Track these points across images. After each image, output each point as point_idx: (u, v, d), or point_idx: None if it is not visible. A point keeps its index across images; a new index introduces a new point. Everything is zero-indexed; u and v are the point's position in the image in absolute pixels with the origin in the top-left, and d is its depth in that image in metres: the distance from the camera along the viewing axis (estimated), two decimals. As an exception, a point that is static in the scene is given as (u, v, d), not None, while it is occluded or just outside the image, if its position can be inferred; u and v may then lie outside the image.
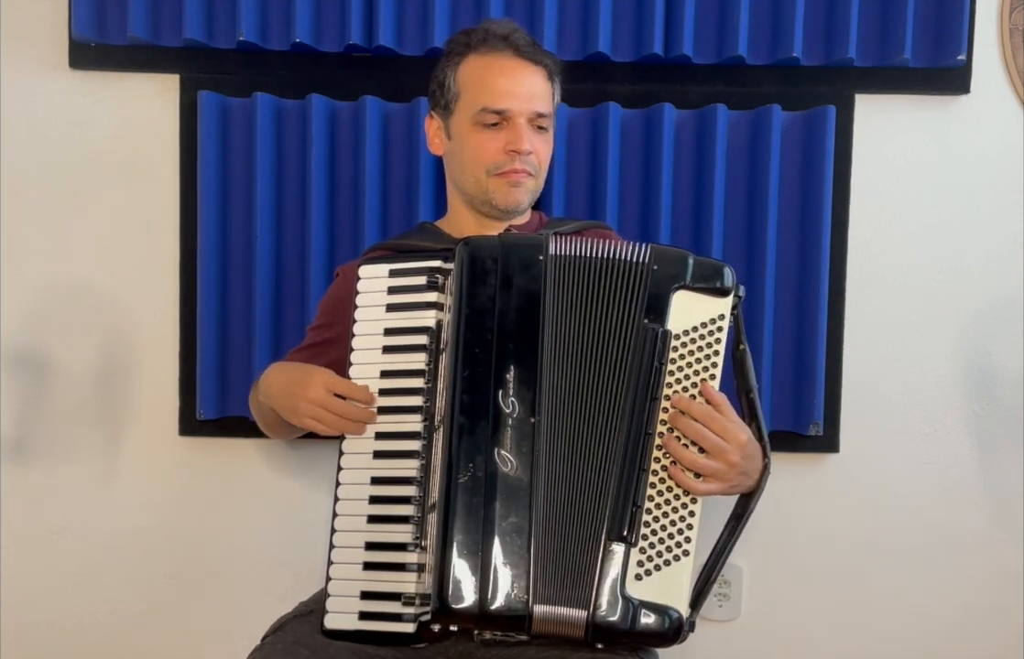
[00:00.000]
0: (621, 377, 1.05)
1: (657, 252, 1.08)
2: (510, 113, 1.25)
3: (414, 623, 1.06)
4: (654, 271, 1.06)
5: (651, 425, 1.04)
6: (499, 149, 1.26)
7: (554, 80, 1.32)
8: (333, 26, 1.61)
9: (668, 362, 1.04)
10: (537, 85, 1.27)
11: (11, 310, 1.68)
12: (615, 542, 1.01)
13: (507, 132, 1.26)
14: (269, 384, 1.25)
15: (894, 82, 1.63)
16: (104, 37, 1.62)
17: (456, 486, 1.02)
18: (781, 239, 1.62)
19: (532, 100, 1.26)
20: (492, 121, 1.26)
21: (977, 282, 1.67)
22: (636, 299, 1.06)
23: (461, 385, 1.05)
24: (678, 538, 1.02)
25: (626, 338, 1.05)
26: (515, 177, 1.27)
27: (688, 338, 1.06)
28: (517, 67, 1.26)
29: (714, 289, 1.07)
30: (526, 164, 1.27)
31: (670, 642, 1.01)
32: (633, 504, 1.02)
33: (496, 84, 1.26)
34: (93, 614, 1.73)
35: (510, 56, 1.26)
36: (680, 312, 1.06)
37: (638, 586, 1.01)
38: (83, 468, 1.70)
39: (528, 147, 1.25)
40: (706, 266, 1.07)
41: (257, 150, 1.60)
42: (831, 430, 1.65)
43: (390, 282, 1.16)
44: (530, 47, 1.28)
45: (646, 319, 1.05)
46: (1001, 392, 1.68)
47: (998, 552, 1.70)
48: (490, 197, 1.29)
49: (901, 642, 1.72)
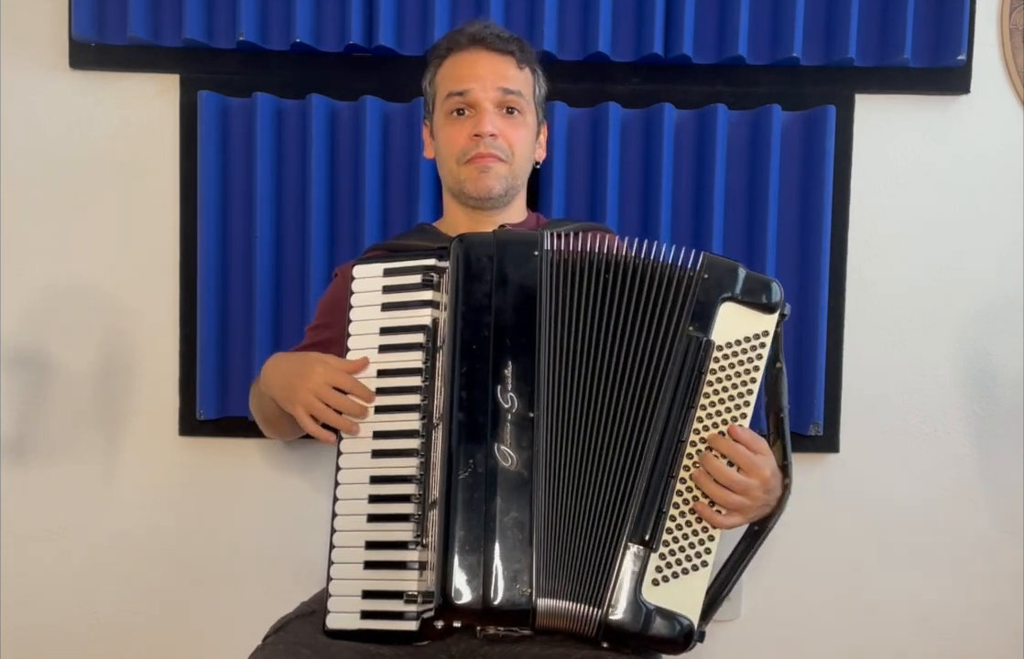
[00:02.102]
0: (654, 380, 1.04)
1: (710, 260, 1.07)
2: (473, 95, 1.27)
3: (416, 621, 1.06)
4: (704, 279, 1.05)
5: (684, 433, 1.03)
6: (466, 136, 1.27)
7: (528, 68, 1.32)
8: (333, 26, 1.61)
9: (708, 372, 1.03)
10: (503, 67, 1.29)
11: (11, 310, 1.68)
12: (636, 545, 1.01)
13: (472, 119, 1.28)
14: (269, 373, 1.25)
15: (894, 82, 1.63)
16: (104, 37, 1.62)
17: (456, 482, 1.01)
18: (781, 239, 1.62)
19: (496, 79, 1.27)
20: (458, 106, 1.28)
21: (977, 282, 1.67)
22: (682, 305, 1.05)
23: (459, 382, 1.04)
24: (699, 548, 1.02)
25: (664, 342, 1.05)
26: (482, 162, 1.27)
27: (731, 351, 1.04)
28: (480, 55, 1.28)
29: (761, 304, 1.06)
30: (493, 148, 1.27)
31: (679, 650, 1.01)
32: (659, 510, 1.01)
33: (460, 72, 1.28)
34: (93, 614, 1.73)
35: (476, 49, 1.29)
36: (725, 324, 1.05)
37: (654, 591, 1.00)
38: (83, 468, 1.70)
39: (490, 128, 1.26)
40: (756, 280, 1.06)
41: (257, 150, 1.60)
42: (831, 430, 1.65)
43: (385, 281, 1.16)
44: (498, 40, 1.29)
45: (691, 326, 1.04)
46: (1001, 392, 1.69)
47: (998, 552, 1.70)
48: (463, 186, 1.30)
49: (901, 642, 1.72)
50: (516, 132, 1.29)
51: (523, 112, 1.30)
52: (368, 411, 1.12)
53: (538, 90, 1.35)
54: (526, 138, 1.32)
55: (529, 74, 1.33)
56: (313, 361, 1.16)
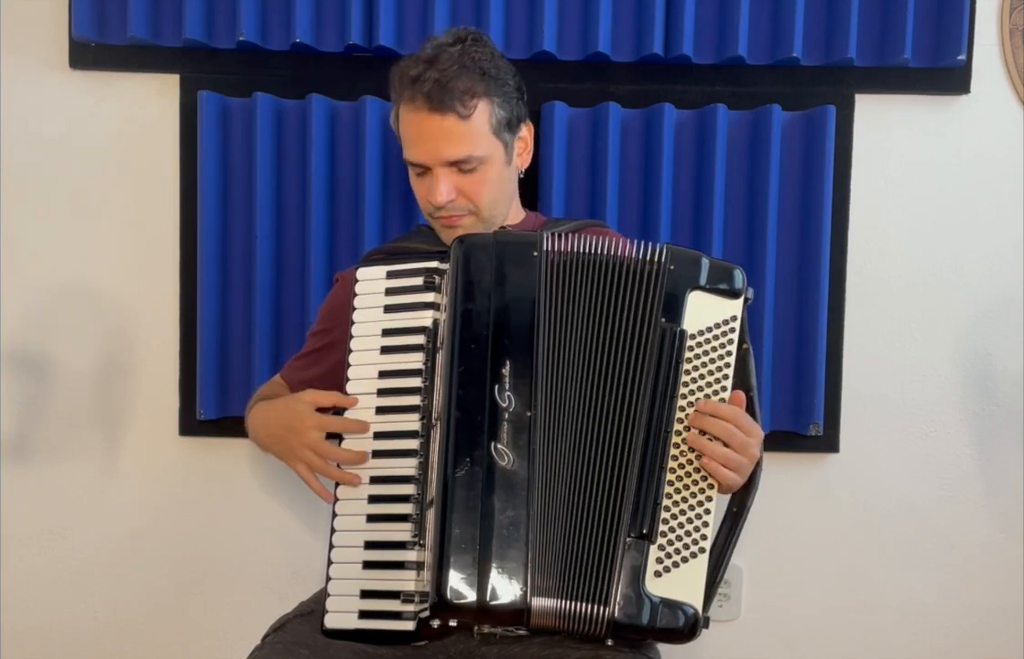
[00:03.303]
0: (635, 375, 1.05)
1: (673, 252, 1.08)
2: (425, 164, 1.22)
3: (414, 621, 1.06)
4: (671, 271, 1.07)
5: (669, 424, 1.04)
6: (426, 198, 1.25)
7: (481, 107, 1.20)
8: (333, 26, 1.61)
9: (684, 361, 1.05)
10: (446, 134, 1.19)
11: (11, 310, 1.68)
12: (636, 539, 1.01)
13: (429, 181, 1.23)
14: (258, 429, 1.22)
15: (894, 82, 1.63)
16: (104, 37, 1.62)
17: (453, 480, 1.02)
18: (781, 239, 1.62)
19: (441, 150, 1.20)
20: (419, 171, 1.25)
21: (977, 282, 1.67)
22: (652, 299, 1.06)
23: (457, 380, 1.05)
24: (695, 535, 1.03)
25: (640, 337, 1.06)
26: (447, 221, 1.25)
27: (703, 338, 1.07)
28: (423, 119, 1.20)
29: (727, 291, 1.08)
30: (453, 210, 1.24)
31: (687, 639, 1.01)
32: (654, 502, 1.02)
33: (408, 134, 1.23)
34: (93, 613, 1.73)
35: (417, 108, 1.20)
36: (695, 313, 1.07)
37: (657, 583, 1.01)
38: (83, 468, 1.70)
39: (443, 199, 1.21)
40: (720, 268, 1.09)
41: (257, 150, 1.60)
42: (831, 430, 1.65)
43: (388, 283, 1.17)
44: (437, 90, 1.17)
45: (663, 319, 1.06)
46: (1001, 392, 1.68)
47: (998, 552, 1.70)
48: (438, 233, 1.29)
49: (901, 642, 1.72)
50: (477, 187, 1.23)
51: (482, 161, 1.22)
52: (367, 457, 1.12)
53: (496, 117, 1.22)
54: (491, 179, 1.24)
55: (482, 111, 1.20)
56: (300, 411, 1.14)
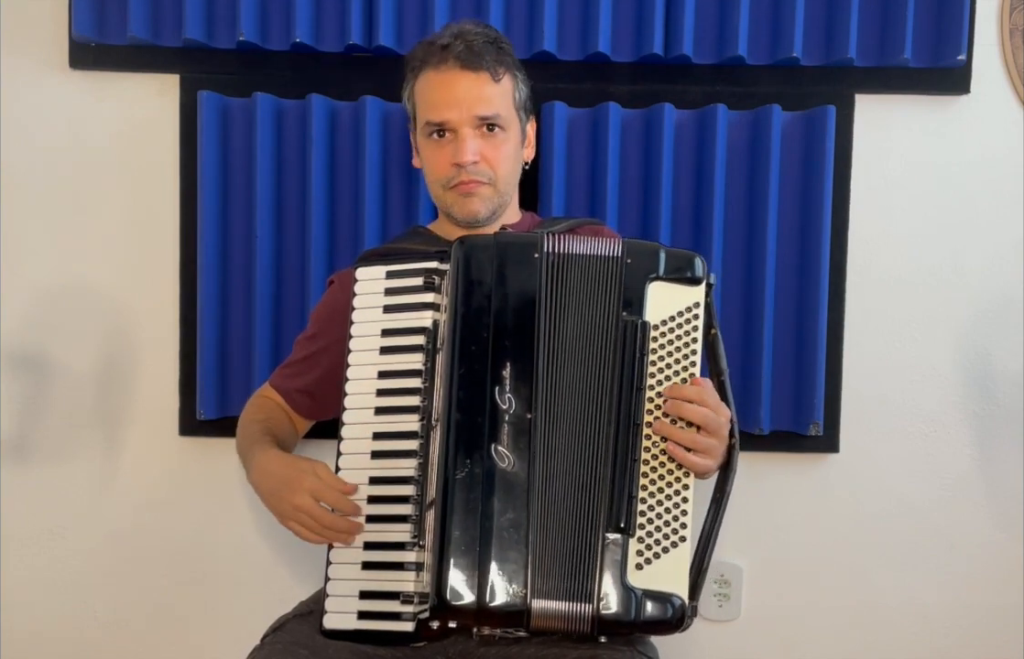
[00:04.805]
0: (608, 371, 1.06)
1: (629, 246, 1.10)
2: (451, 123, 1.24)
3: (413, 622, 1.06)
4: (628, 265, 1.08)
5: (639, 416, 1.05)
6: (448, 163, 1.26)
7: (507, 74, 1.27)
8: (333, 26, 1.61)
9: (649, 352, 1.06)
10: (477, 90, 1.23)
11: (11, 310, 1.68)
12: (613, 533, 1.02)
13: (453, 144, 1.25)
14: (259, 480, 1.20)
15: (894, 82, 1.63)
16: (104, 37, 1.62)
17: (453, 483, 1.02)
18: (781, 239, 1.62)
19: (472, 105, 1.23)
20: (439, 138, 1.26)
21: (977, 283, 1.67)
22: (615, 293, 1.08)
23: (458, 383, 1.05)
24: (674, 525, 1.03)
25: (609, 332, 1.07)
26: (466, 188, 1.26)
27: (667, 328, 1.08)
28: (455, 77, 1.23)
29: (687, 278, 1.09)
30: (475, 174, 1.25)
31: (674, 629, 1.02)
32: (628, 495, 1.02)
33: (434, 97, 1.25)
34: (92, 614, 1.73)
35: (449, 68, 1.23)
36: (656, 303, 1.08)
37: (639, 575, 1.01)
38: (83, 468, 1.70)
39: (471, 157, 1.23)
40: (678, 257, 1.10)
41: (257, 150, 1.60)
42: (831, 430, 1.65)
43: (387, 283, 1.17)
44: (469, 54, 1.23)
45: (624, 312, 1.07)
46: (1001, 392, 1.68)
47: (998, 552, 1.70)
48: (450, 209, 1.29)
49: (901, 642, 1.72)
50: (498, 151, 1.27)
51: (505, 127, 1.27)
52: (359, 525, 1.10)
53: (519, 93, 1.30)
54: (510, 153, 1.29)
55: (508, 82, 1.28)
56: (304, 471, 1.12)
